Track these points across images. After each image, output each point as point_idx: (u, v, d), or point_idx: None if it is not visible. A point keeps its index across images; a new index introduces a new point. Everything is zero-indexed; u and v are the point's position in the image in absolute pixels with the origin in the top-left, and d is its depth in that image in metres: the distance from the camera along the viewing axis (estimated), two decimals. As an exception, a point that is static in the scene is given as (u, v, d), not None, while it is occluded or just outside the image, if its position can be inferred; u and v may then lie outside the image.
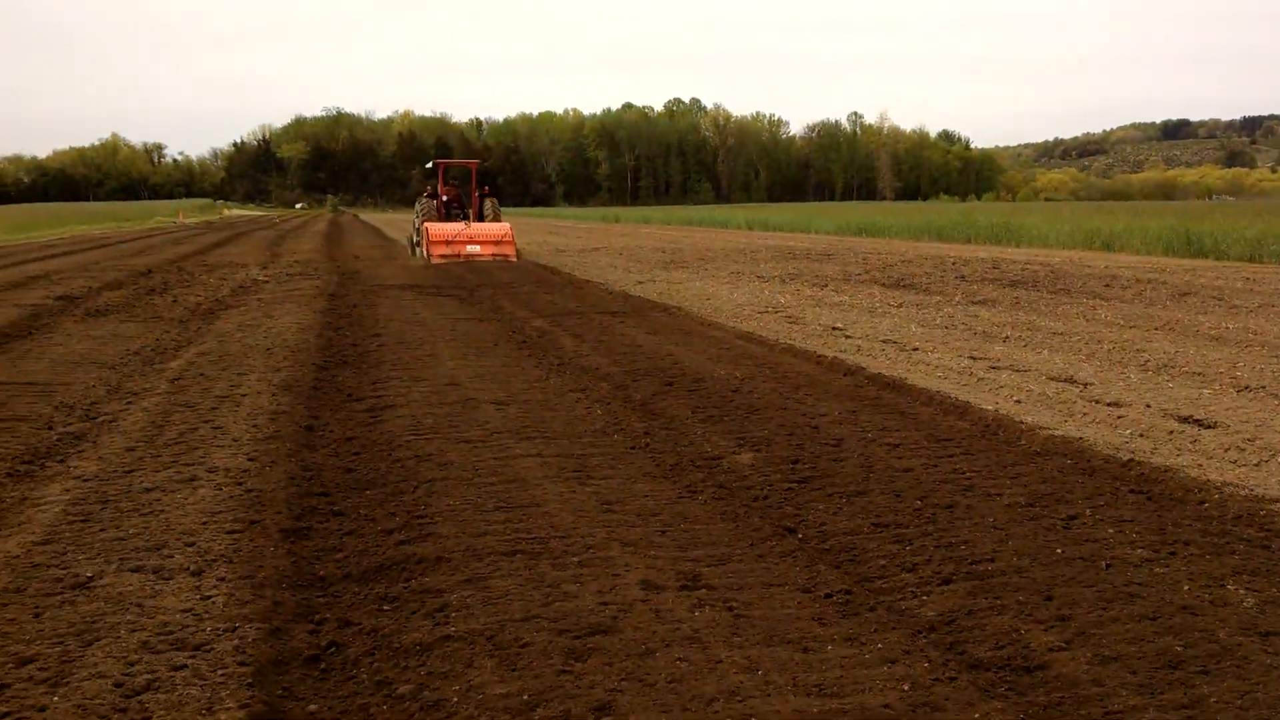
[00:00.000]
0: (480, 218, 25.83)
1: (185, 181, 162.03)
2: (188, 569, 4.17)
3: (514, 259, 23.49)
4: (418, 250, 25.10)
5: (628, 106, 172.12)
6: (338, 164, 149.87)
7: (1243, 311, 12.76)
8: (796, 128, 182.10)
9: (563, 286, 17.45)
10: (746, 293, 16.07)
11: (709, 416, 6.98)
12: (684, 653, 3.38)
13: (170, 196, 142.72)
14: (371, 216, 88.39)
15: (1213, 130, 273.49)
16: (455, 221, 24.92)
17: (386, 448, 6.21)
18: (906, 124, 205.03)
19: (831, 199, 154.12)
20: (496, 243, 23.69)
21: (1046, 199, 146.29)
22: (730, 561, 4.26)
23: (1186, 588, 3.94)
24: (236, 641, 3.47)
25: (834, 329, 11.62)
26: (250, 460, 5.87)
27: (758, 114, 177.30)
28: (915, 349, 10.06)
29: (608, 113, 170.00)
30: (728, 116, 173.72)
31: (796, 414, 7.00)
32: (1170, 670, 3.29)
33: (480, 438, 6.38)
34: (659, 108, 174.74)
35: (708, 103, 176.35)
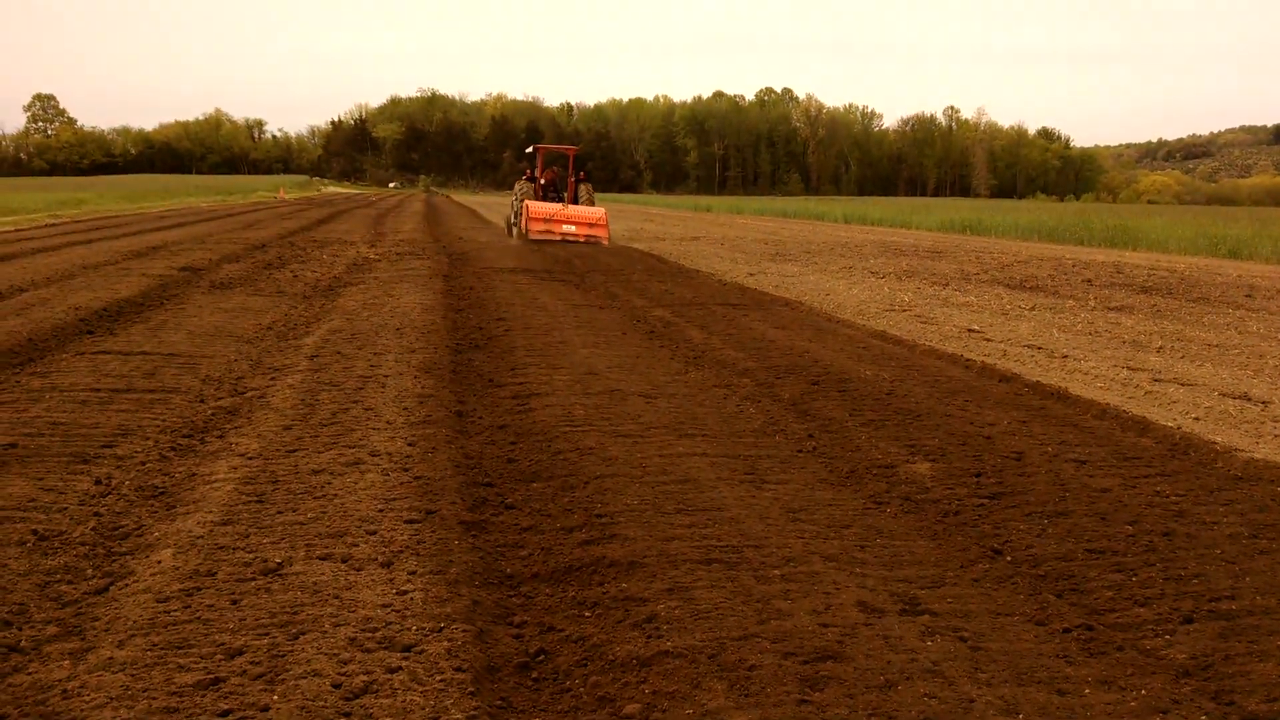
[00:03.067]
0: (575, 201, 26.54)
1: (283, 158, 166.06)
2: (376, 560, 4.03)
3: (605, 242, 24.20)
4: (514, 229, 26.08)
5: (718, 95, 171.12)
6: (431, 145, 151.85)
7: None
8: (890, 120, 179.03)
9: (673, 275, 17.22)
10: (865, 289, 15.63)
11: (869, 421, 6.67)
12: (929, 687, 3.11)
13: (269, 172, 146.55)
14: (465, 198, 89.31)
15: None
16: (553, 203, 25.66)
17: (543, 439, 6.04)
18: (1004, 120, 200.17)
19: (924, 195, 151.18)
20: (591, 225, 24.50)
21: (1149, 201, 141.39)
22: (944, 584, 3.97)
23: None
24: (446, 644, 3.30)
25: (970, 331, 11.17)
26: (410, 445, 5.75)
27: (850, 105, 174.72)
28: (1065, 356, 9.58)
29: (698, 100, 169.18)
30: (820, 107, 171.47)
31: (962, 422, 6.64)
32: None
33: (637, 432, 6.18)
34: (750, 96, 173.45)
35: (800, 92, 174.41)
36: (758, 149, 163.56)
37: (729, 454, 5.76)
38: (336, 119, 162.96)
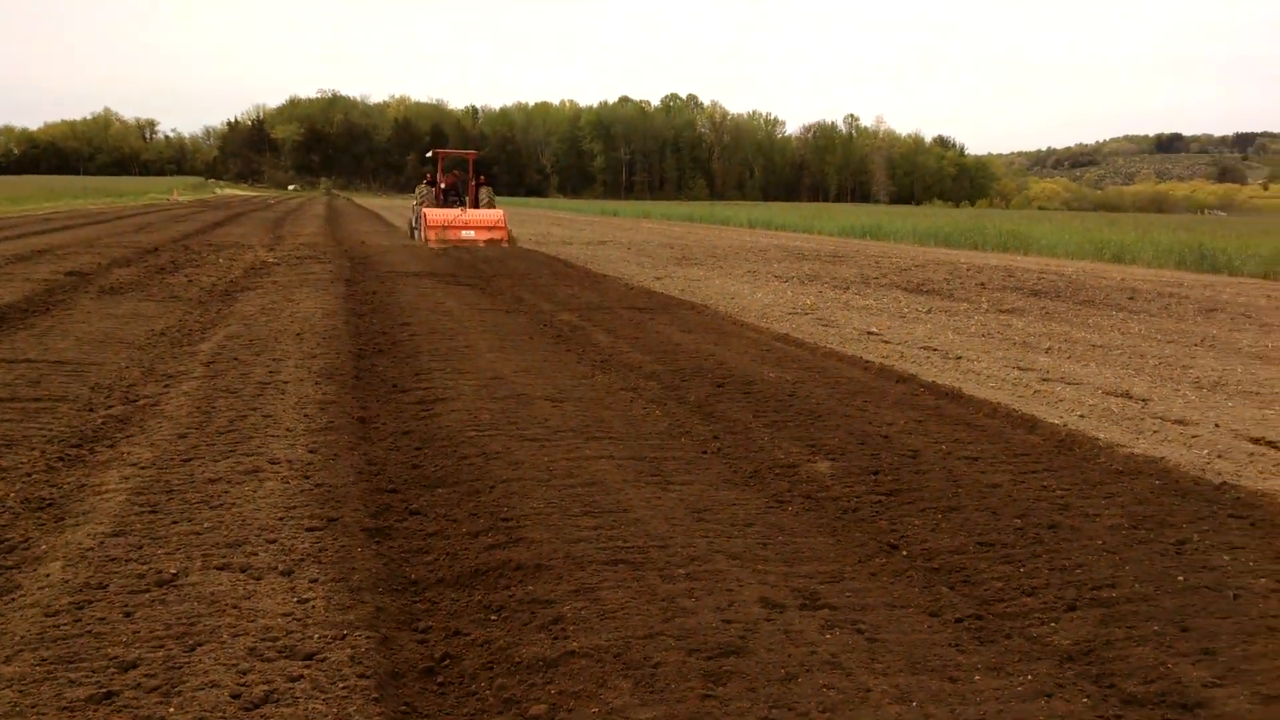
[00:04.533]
0: (476, 205, 27.04)
1: (177, 159, 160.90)
2: (276, 568, 3.96)
3: (506, 244, 24.83)
4: (416, 234, 26.59)
5: (624, 100, 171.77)
6: (332, 147, 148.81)
7: (1275, 330, 12.66)
8: (793, 128, 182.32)
9: (580, 279, 17.23)
10: (769, 293, 15.89)
11: (772, 422, 6.79)
12: (828, 679, 3.20)
13: (161, 173, 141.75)
14: (368, 201, 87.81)
15: (1205, 145, 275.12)
16: (452, 208, 26.20)
17: (448, 444, 6.00)
18: (902, 128, 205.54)
19: (826, 200, 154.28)
20: (490, 228, 25.13)
21: (1039, 208, 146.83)
22: (843, 579, 4.08)
23: (1326, 623, 3.78)
24: (349, 651, 3.27)
25: (870, 333, 11.45)
26: (311, 452, 5.65)
27: (754, 112, 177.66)
28: (959, 357, 9.90)
29: (604, 105, 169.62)
30: (724, 114, 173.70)
31: (862, 422, 6.82)
32: (1340, 713, 3.13)
33: (544, 436, 6.18)
34: (656, 102, 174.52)
35: (704, 99, 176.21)
36: (663, 154, 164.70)
37: (635, 456, 5.81)
38: (233, 119, 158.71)
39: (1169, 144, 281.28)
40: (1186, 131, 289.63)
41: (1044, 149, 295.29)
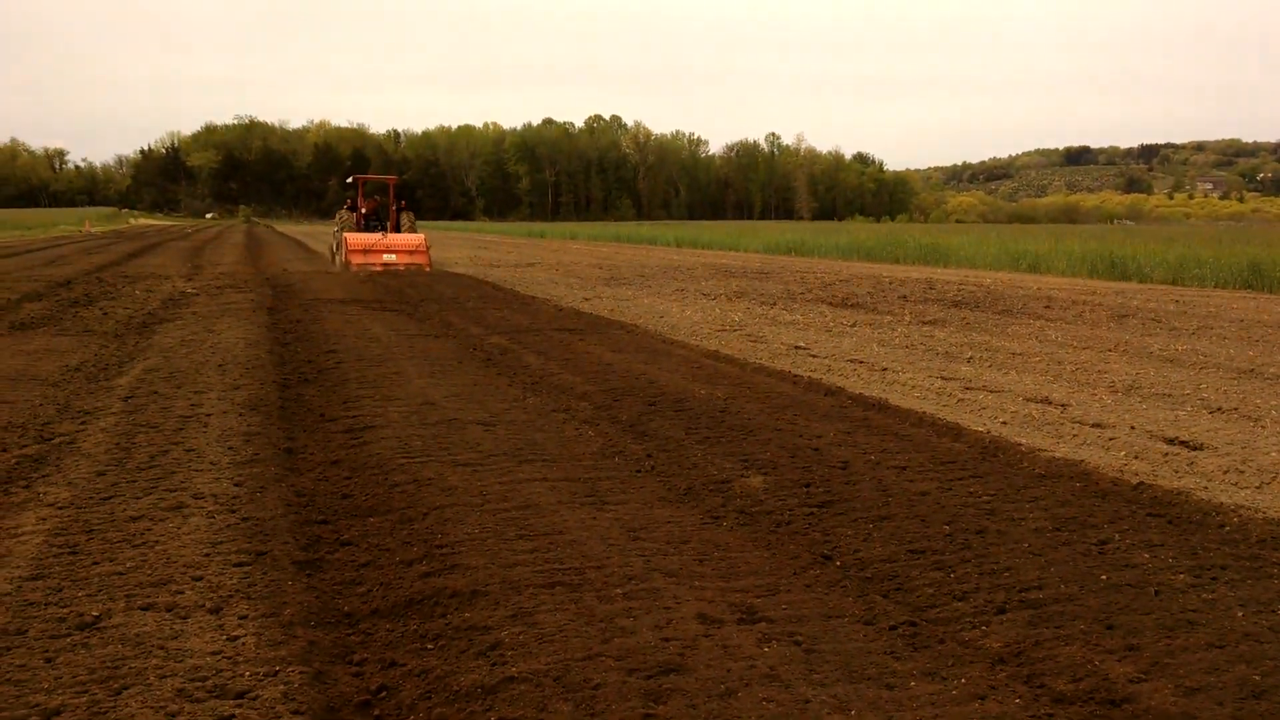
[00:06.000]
0: (397, 229, 27.36)
1: (88, 189, 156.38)
2: (203, 606, 3.86)
3: (428, 268, 25.13)
4: (337, 259, 26.69)
5: (548, 122, 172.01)
6: (251, 174, 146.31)
7: (1184, 334, 13.13)
8: (716, 147, 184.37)
9: (509, 302, 17.17)
10: (698, 310, 16.00)
11: (705, 438, 6.84)
12: (767, 692, 3.22)
13: (72, 204, 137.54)
14: (289, 228, 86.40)
15: (1112, 157, 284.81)
16: (373, 232, 26.51)
17: (379, 472, 5.92)
18: (822, 146, 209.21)
19: (750, 218, 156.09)
20: (411, 252, 25.39)
21: (957, 221, 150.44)
22: (779, 592, 4.12)
23: (1240, 614, 3.92)
24: (282, 688, 3.20)
25: (797, 348, 11.60)
26: (237, 486, 5.53)
27: (678, 132, 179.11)
28: (885, 369, 10.08)
29: (528, 127, 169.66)
30: (648, 134, 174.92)
31: (792, 435, 6.90)
32: (1257, 700, 3.24)
33: (477, 460, 6.14)
34: (580, 124, 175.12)
35: (628, 120, 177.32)
36: (589, 175, 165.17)
37: (569, 477, 5.79)
38: (146, 147, 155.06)
39: (1078, 156, 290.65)
40: (1094, 144, 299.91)
41: (960, 163, 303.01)
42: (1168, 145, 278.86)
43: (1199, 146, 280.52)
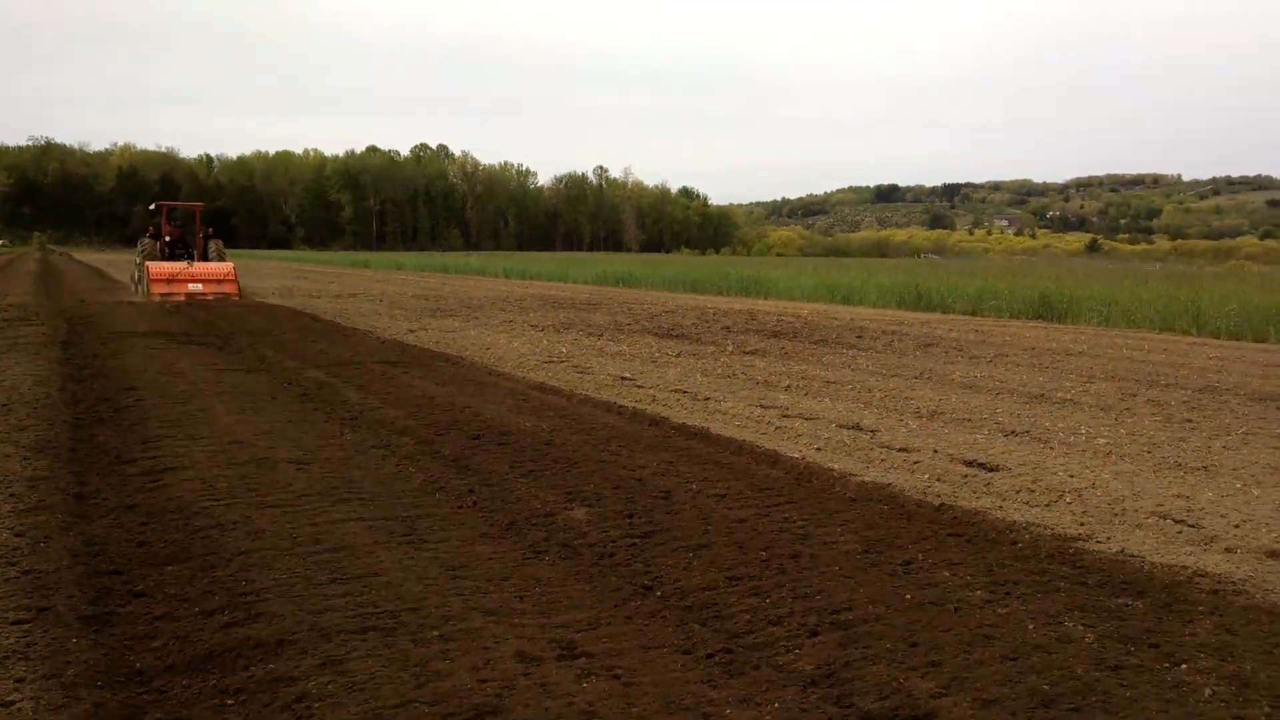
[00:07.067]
0: (204, 258, 26.72)
1: None
2: (-29, 672, 3.51)
3: (237, 297, 24.63)
4: (139, 289, 25.86)
5: (372, 149, 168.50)
6: (47, 198, 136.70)
7: (983, 361, 14.00)
8: (544, 178, 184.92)
9: (329, 334, 16.62)
10: (525, 341, 15.93)
11: (529, 472, 6.78)
12: (585, 729, 3.19)
13: None
14: (89, 256, 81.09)
15: (919, 195, 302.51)
16: (178, 261, 25.77)
17: (180, 516, 5.58)
18: (650, 180, 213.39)
19: (580, 249, 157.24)
20: (219, 281, 24.91)
21: (778, 254, 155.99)
22: (600, 625, 4.10)
23: (1031, 627, 4.17)
24: (60, 758, 2.94)
25: (623, 379, 11.70)
26: (17, 536, 5.09)
27: (506, 163, 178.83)
28: (708, 398, 10.29)
29: (351, 155, 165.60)
30: (475, 164, 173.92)
31: (616, 466, 6.93)
32: (1046, 709, 3.44)
33: (288, 501, 5.87)
34: (405, 152, 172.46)
35: (456, 149, 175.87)
36: (415, 204, 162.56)
37: (387, 516, 5.62)
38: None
39: (888, 194, 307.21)
40: (902, 183, 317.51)
41: (780, 199, 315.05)
42: (968, 184, 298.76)
43: (996, 186, 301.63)
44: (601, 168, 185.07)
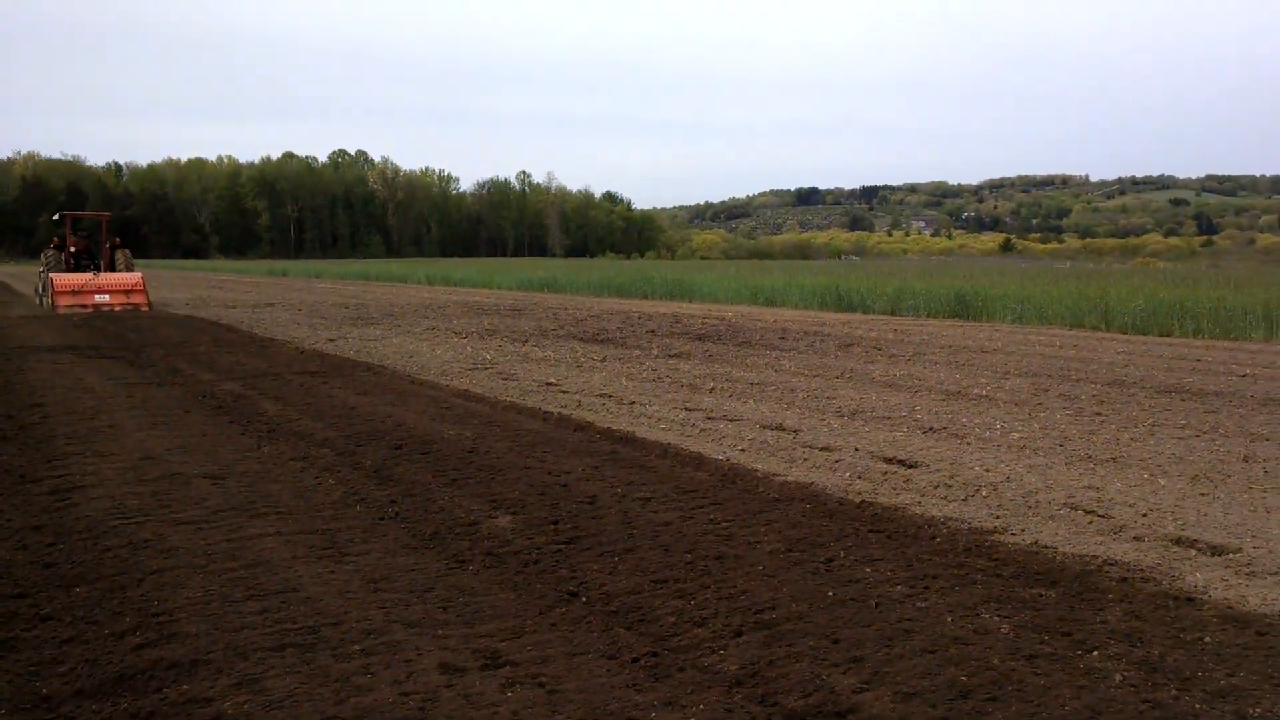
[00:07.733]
0: (111, 268, 26.49)
1: None
2: None
3: (146, 308, 24.39)
4: (44, 301, 25.60)
5: (289, 156, 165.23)
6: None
7: (901, 360, 14.27)
8: (467, 184, 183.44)
9: (245, 345, 16.25)
10: (449, 349, 15.77)
11: (452, 480, 6.71)
12: (510, 739, 3.17)
13: None
14: (-10, 268, 78.11)
15: (838, 198, 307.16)
16: (84, 272, 25.46)
17: (88, 535, 5.40)
18: (573, 184, 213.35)
19: (504, 254, 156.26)
20: (127, 292, 24.66)
21: (702, 257, 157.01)
22: (525, 634, 4.07)
23: (949, 619, 4.25)
24: (-42, 792, 2.82)
25: (549, 384, 11.66)
26: (-88, 562, 4.87)
27: (427, 169, 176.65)
28: (633, 402, 10.31)
29: (267, 161, 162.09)
30: (396, 170, 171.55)
31: (541, 473, 6.90)
32: (964, 700, 3.52)
33: (203, 517, 5.72)
34: (323, 158, 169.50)
35: (375, 155, 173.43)
36: (334, 211, 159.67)
37: (306, 529, 5.51)
38: None
39: (808, 196, 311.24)
40: (822, 185, 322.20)
41: (702, 203, 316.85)
42: (885, 187, 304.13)
43: (912, 188, 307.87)
44: (524, 172, 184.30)
